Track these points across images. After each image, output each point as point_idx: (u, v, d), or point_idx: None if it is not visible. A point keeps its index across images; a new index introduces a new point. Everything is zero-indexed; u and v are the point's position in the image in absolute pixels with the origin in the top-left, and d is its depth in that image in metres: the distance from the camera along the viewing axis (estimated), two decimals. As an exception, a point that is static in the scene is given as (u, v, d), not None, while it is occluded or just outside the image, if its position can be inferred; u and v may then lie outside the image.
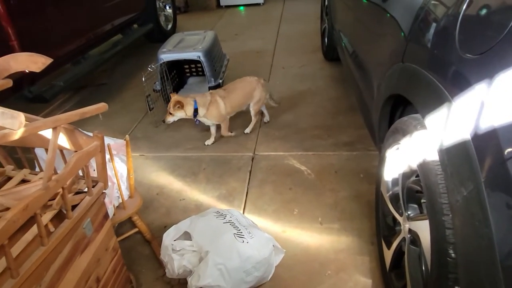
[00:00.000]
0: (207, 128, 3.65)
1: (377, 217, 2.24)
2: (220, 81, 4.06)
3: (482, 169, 1.03)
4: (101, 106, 1.67)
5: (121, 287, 2.00)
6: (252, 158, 3.31)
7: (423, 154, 1.46)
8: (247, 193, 2.90)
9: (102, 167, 1.76)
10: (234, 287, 1.98)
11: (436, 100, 1.31)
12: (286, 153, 3.32)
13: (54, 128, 1.44)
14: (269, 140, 3.54)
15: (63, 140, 1.69)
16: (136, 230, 2.41)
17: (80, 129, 1.72)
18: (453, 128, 1.19)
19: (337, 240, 2.40)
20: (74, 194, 1.69)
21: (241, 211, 2.69)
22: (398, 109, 2.04)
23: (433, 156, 1.36)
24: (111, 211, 2.11)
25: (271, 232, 2.44)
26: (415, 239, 1.66)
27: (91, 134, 1.68)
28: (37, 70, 1.65)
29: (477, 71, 1.16)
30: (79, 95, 4.97)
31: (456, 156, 1.17)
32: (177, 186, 3.07)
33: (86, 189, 1.69)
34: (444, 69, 1.38)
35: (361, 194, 2.72)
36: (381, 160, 2.11)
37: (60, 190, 1.46)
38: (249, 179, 3.05)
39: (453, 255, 1.24)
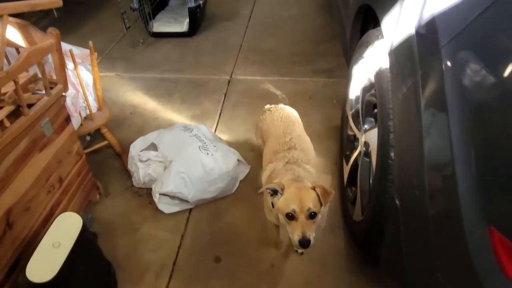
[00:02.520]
0: (185, 48, 3.55)
1: (341, 136, 2.29)
2: (200, 1, 3.88)
3: (421, 62, 1.03)
4: (55, 1, 1.60)
5: (87, 192, 2.07)
6: (228, 81, 3.27)
7: (379, 62, 1.45)
8: (220, 114, 2.91)
9: (60, 68, 1.73)
10: (196, 195, 2.06)
11: (391, 1, 1.28)
12: (263, 78, 3.28)
13: (0, 17, 1.38)
14: (248, 65, 3.48)
15: (16, 37, 1.63)
16: (106, 142, 2.44)
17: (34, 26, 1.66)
18: (401, 24, 1.17)
19: (303, 159, 2.47)
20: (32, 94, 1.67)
21: (213, 131, 2.71)
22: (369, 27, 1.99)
23: (386, 63, 1.36)
24: (77, 120, 2.11)
25: (240, 150, 2.48)
26: (368, 151, 1.71)
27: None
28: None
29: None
30: (57, 13, 4.73)
31: (401, 54, 1.17)
32: (151, 106, 3.06)
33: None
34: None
35: (332, 119, 2.75)
36: (348, 78, 2.10)
37: (13, 84, 1.45)
38: (224, 101, 3.04)
39: (392, 156, 1.29)
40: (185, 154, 2.09)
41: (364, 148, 1.76)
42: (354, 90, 1.97)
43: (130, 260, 1.91)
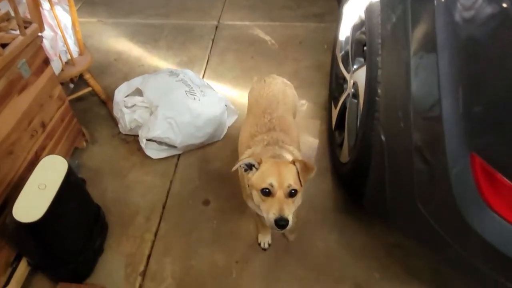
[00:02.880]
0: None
1: (330, 80, 2.25)
2: None
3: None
4: None
5: (73, 138, 2.04)
6: (216, 27, 3.15)
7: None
8: (208, 60, 2.83)
9: (34, 6, 1.63)
10: (184, 141, 2.05)
11: None
12: (251, 23, 3.16)
13: None
14: (236, 9, 3.34)
15: (-18, -30, 1.51)
16: (90, 89, 2.37)
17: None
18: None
19: (292, 105, 2.44)
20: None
21: (201, 77, 2.65)
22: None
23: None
24: (57, 64, 2.03)
25: (229, 96, 2.44)
26: (356, 93, 1.68)
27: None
28: None
29: None
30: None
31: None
32: (136, 53, 2.96)
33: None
34: None
35: (322, 64, 2.69)
36: (338, 19, 2.03)
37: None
38: (211, 47, 2.94)
39: (379, 92, 1.27)
40: (171, 99, 2.04)
41: (352, 90, 1.73)
42: (344, 31, 1.91)
43: (119, 205, 1.93)
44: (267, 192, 1.20)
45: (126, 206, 1.92)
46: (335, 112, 2.04)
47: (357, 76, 1.64)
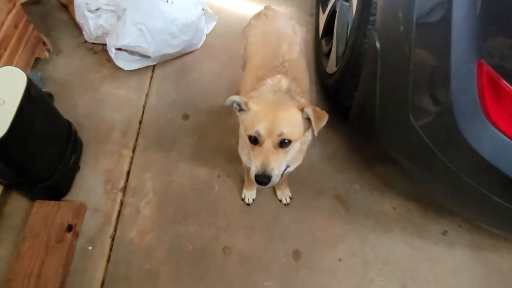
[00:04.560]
0: None
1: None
2: None
3: None
4: None
5: (31, 47, 1.83)
6: None
7: None
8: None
9: None
10: (158, 49, 1.87)
11: None
12: None
13: None
14: None
15: None
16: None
17: None
18: None
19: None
20: None
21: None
22: None
23: None
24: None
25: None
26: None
27: None
28: None
29: None
30: None
31: None
32: None
33: None
34: None
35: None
36: None
37: None
38: None
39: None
40: (141, 1, 1.81)
41: (344, -9, 1.55)
42: None
43: (93, 120, 1.81)
44: (253, 140, 1.03)
45: (100, 121, 1.81)
46: (323, 18, 1.87)
47: (351, -26, 1.46)
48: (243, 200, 1.61)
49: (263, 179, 0.99)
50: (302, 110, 1.04)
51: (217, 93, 1.92)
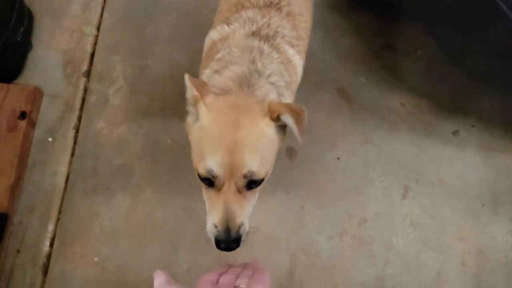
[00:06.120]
0: None
1: None
2: None
3: None
4: None
5: None
6: None
7: None
8: None
9: None
10: None
11: None
12: None
13: None
14: None
15: None
16: None
17: None
18: None
19: None
20: None
21: None
22: None
23: None
24: None
25: None
26: None
27: None
28: None
29: None
30: None
31: None
32: None
33: None
34: None
35: None
36: None
37: None
38: None
39: None
40: None
41: None
42: None
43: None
44: (207, 182, 0.71)
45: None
46: None
47: None
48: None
49: (228, 245, 0.69)
50: (276, 118, 0.71)
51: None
